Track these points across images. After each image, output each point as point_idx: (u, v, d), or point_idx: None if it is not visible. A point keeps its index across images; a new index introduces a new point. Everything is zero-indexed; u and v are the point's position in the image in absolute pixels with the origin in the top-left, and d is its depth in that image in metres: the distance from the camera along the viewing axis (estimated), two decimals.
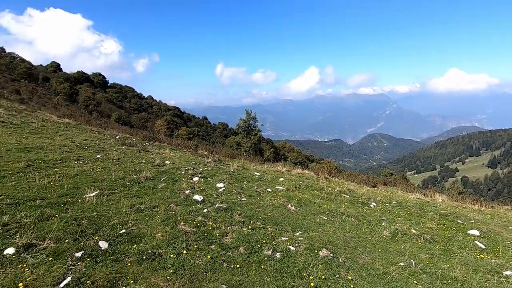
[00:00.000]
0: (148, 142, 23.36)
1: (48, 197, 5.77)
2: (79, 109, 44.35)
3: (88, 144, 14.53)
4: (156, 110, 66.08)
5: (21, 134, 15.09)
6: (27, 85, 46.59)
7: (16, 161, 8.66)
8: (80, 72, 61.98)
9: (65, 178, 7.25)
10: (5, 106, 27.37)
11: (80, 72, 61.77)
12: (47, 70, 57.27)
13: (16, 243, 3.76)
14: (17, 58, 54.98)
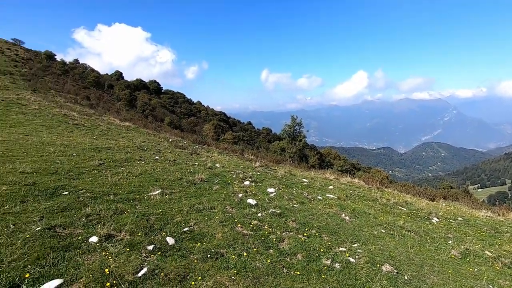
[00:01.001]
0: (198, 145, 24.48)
1: (119, 193, 6.38)
2: (137, 113, 48.52)
3: (147, 146, 15.77)
4: (204, 115, 69.27)
5: (91, 136, 16.99)
6: (95, 92, 52.46)
7: (90, 159, 9.76)
8: (139, 79, 67.91)
9: (131, 176, 7.95)
10: (78, 110, 31.06)
11: (138, 79, 67.71)
12: (112, 79, 63.86)
13: (98, 233, 4.22)
14: (88, 69, 62.32)
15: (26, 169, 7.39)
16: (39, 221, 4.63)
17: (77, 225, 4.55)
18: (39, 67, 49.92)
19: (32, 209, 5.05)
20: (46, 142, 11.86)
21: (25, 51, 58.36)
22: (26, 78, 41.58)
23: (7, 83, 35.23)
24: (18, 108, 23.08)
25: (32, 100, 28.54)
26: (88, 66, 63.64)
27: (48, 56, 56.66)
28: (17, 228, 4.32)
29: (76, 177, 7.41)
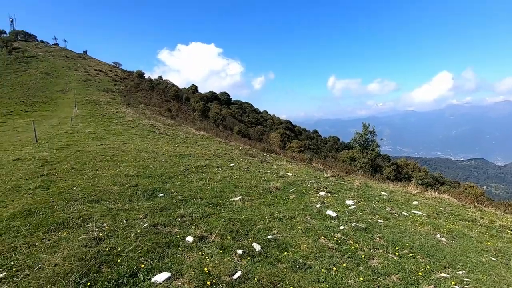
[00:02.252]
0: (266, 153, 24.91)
1: (204, 197, 6.90)
2: (209, 123, 52.36)
3: (221, 153, 16.79)
4: (270, 123, 70.65)
5: (174, 143, 18.92)
6: (175, 104, 58.64)
7: (176, 165, 10.85)
8: (211, 92, 73.47)
9: (212, 182, 8.54)
10: (161, 121, 35.00)
11: (210, 92, 73.29)
12: (188, 92, 70.63)
13: (193, 234, 4.61)
14: (169, 84, 70.26)
15: (129, 172, 8.62)
16: (144, 218, 5.31)
17: (174, 225, 5.06)
18: (132, 85, 58.36)
19: (138, 208, 5.84)
20: (140, 149, 13.65)
21: (122, 72, 69.20)
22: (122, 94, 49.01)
23: (109, 99, 42.09)
24: (117, 120, 27.25)
25: (127, 113, 33.43)
26: (170, 81, 71.71)
27: (138, 75, 65.93)
28: (129, 223, 5.03)
29: (167, 180, 8.31)
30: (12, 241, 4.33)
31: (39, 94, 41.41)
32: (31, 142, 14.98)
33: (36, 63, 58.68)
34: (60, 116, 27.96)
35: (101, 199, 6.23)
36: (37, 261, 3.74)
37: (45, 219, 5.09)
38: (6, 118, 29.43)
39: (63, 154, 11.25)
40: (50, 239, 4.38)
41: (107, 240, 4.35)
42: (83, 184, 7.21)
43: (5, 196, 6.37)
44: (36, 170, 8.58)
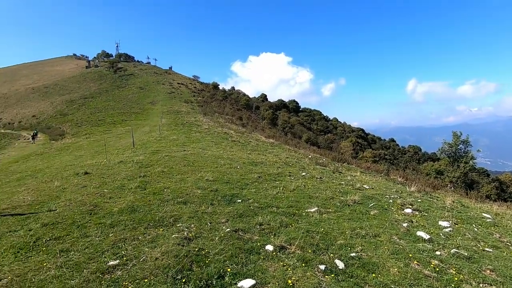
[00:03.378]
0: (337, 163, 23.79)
1: (280, 206, 6.92)
2: (278, 131, 53.03)
3: (291, 162, 16.71)
4: (341, 131, 67.64)
5: (246, 151, 19.66)
6: (246, 112, 61.33)
7: (250, 172, 11.21)
8: (280, 100, 74.55)
9: (286, 191, 8.53)
10: (234, 129, 36.88)
11: (279, 100, 74.39)
12: (258, 101, 73.13)
13: (273, 243, 4.64)
14: (241, 94, 74.04)
15: (209, 178, 9.28)
16: (226, 222, 5.60)
17: (253, 232, 5.19)
18: (208, 96, 63.42)
19: (219, 212, 6.20)
20: (217, 156, 14.60)
21: (200, 84, 75.95)
22: (200, 104, 53.62)
23: (189, 109, 46.51)
24: (196, 128, 29.82)
25: (204, 121, 36.35)
26: (241, 91, 75.56)
27: (214, 86, 71.33)
28: (213, 227, 5.38)
29: (243, 187, 8.65)
30: (121, 233, 5.07)
31: (134, 106, 48.48)
32: (130, 147, 17.53)
33: (133, 79, 69.10)
34: (150, 125, 32.10)
35: (188, 201, 6.84)
36: (141, 254, 4.28)
37: (145, 216, 5.83)
38: (111, 126, 35.29)
39: (154, 158, 12.82)
40: (150, 235, 4.98)
41: (195, 241, 4.72)
42: (172, 186, 8.05)
43: (114, 193, 7.56)
44: (135, 172, 9.97)
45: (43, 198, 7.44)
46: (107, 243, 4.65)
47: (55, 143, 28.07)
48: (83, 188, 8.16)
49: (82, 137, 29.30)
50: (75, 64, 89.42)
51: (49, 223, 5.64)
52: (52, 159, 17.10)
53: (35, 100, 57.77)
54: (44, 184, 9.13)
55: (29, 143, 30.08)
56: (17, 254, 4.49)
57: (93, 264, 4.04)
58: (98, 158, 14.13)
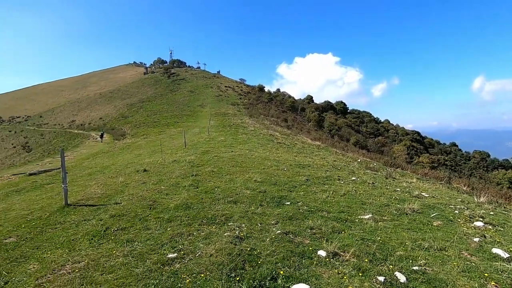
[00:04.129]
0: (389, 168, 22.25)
1: (331, 211, 6.68)
2: (324, 133, 51.60)
3: (339, 165, 16.07)
4: (393, 134, 63.21)
5: (292, 153, 19.47)
6: (291, 114, 60.92)
7: (298, 174, 11.06)
8: (326, 101, 72.52)
9: (337, 195, 8.21)
10: (279, 131, 36.85)
11: (326, 101, 72.38)
12: (304, 102, 72.12)
13: (325, 248, 4.48)
14: (286, 95, 73.81)
15: (257, 179, 9.38)
16: (276, 224, 5.58)
17: (304, 236, 5.09)
18: (254, 98, 64.48)
19: (269, 213, 6.22)
20: (264, 157, 14.70)
21: (246, 87, 77.66)
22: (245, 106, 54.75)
23: (235, 111, 47.78)
24: (242, 130, 30.46)
25: (249, 123, 36.99)
26: (286, 93, 75.32)
27: (259, 89, 72.25)
28: (263, 228, 5.40)
29: (291, 189, 8.56)
30: (178, 228, 5.37)
31: (185, 109, 51.46)
32: (182, 147, 18.61)
33: (184, 84, 73.46)
34: (199, 126, 33.73)
35: (238, 201, 6.99)
36: (197, 249, 4.48)
37: (198, 213, 6.10)
38: (165, 128, 37.93)
39: (204, 158, 13.41)
40: (204, 231, 5.19)
41: (247, 240, 4.78)
42: (222, 186, 8.32)
43: (170, 190, 8.07)
44: (188, 171, 10.53)
45: (110, 192, 8.27)
46: (165, 237, 4.96)
47: (118, 142, 31.12)
48: (143, 184, 8.87)
49: (140, 138, 31.99)
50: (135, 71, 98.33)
51: (116, 214, 6.24)
52: (116, 157, 18.97)
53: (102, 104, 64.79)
54: (111, 179, 10.15)
55: (97, 142, 33.84)
56: (91, 240, 5.04)
57: (154, 255, 4.34)
58: (154, 157, 15.27)
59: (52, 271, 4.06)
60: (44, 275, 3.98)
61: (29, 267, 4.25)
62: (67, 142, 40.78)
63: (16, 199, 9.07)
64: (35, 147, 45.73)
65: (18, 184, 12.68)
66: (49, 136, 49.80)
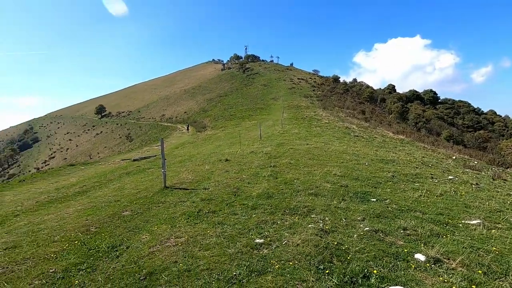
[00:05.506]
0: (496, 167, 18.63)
1: (426, 212, 5.96)
2: (408, 126, 46.27)
3: (430, 162, 14.20)
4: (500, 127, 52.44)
5: (372, 147, 18.07)
6: (369, 106, 56.50)
7: (381, 170, 10.21)
8: (412, 91, 64.63)
9: (432, 195, 7.27)
10: (356, 123, 34.63)
11: (411, 91, 64.53)
12: (384, 92, 65.89)
13: (424, 252, 4.03)
14: (364, 85, 68.65)
15: (336, 173, 9.03)
16: (362, 221, 5.28)
17: (396, 236, 4.67)
18: (328, 89, 62.00)
19: (353, 209, 5.92)
20: (341, 151, 14.04)
21: (319, 78, 75.27)
22: (319, 98, 53.11)
23: (308, 104, 46.84)
24: (316, 122, 29.68)
25: (323, 115, 35.79)
26: (364, 83, 70.06)
27: (334, 80, 69.04)
28: (348, 223, 5.17)
29: (375, 185, 7.96)
30: (261, 215, 5.59)
31: (259, 102, 52.93)
32: (257, 139, 19.25)
33: (258, 78, 75.49)
34: (273, 119, 34.27)
35: (318, 194, 6.87)
36: (282, 237, 4.58)
37: (280, 203, 6.23)
38: (240, 121, 39.84)
39: (280, 150, 13.58)
40: (287, 221, 5.28)
41: (332, 234, 4.66)
42: (301, 178, 8.29)
43: (251, 179, 8.45)
44: (265, 162, 10.85)
45: (198, 178, 9.15)
46: (252, 222, 5.23)
47: (200, 134, 34.19)
48: (226, 173, 9.52)
49: (219, 130, 34.40)
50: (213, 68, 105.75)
51: (205, 198, 6.87)
52: (200, 147, 20.87)
53: (186, 99, 71.90)
54: (198, 166, 11.22)
55: (183, 133, 37.86)
56: (188, 219, 5.67)
57: (243, 239, 4.61)
58: (233, 148, 16.22)
59: (160, 242, 4.72)
60: (154, 245, 4.66)
61: (142, 237, 5.04)
62: (159, 133, 46.81)
63: (127, 180, 10.87)
64: (135, 137, 53.95)
65: (126, 167, 15.18)
66: (145, 128, 58.00)
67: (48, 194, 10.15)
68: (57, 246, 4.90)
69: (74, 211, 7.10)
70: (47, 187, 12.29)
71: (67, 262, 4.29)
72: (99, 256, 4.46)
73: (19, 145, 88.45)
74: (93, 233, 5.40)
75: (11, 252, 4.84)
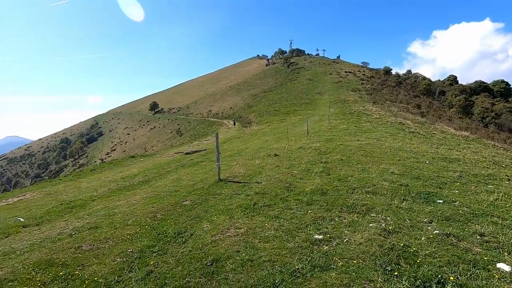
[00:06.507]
0: None
1: (506, 217, 5.31)
2: (473, 121, 41.47)
3: (504, 162, 12.59)
4: None
5: (430, 144, 16.60)
6: (425, 100, 51.85)
7: (445, 169, 9.34)
8: (478, 82, 57.57)
9: (509, 199, 6.47)
10: (410, 119, 32.11)
11: (477, 82, 57.48)
12: (443, 84, 59.78)
13: (510, 262, 3.61)
14: (419, 77, 63.08)
15: (394, 171, 8.51)
16: (429, 223, 4.91)
17: (472, 242, 4.26)
18: (378, 82, 58.32)
19: (418, 210, 5.53)
20: (396, 148, 13.16)
21: (369, 71, 71.13)
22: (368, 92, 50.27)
23: (356, 98, 44.67)
24: (365, 117, 28.21)
25: (373, 110, 33.82)
26: (420, 74, 64.40)
27: (385, 72, 64.66)
28: (413, 224, 4.86)
29: (440, 186, 7.32)
30: (318, 212, 5.53)
31: (304, 97, 51.97)
32: (304, 134, 18.97)
33: (303, 72, 74.05)
34: (319, 114, 33.41)
35: (376, 192, 6.55)
36: (342, 235, 4.49)
37: (336, 200, 6.09)
38: (285, 116, 39.61)
39: (330, 146, 13.21)
40: (345, 218, 5.15)
41: (396, 235, 4.43)
42: (356, 175, 7.98)
43: (303, 175, 8.40)
44: (316, 158, 10.66)
45: (250, 172, 9.37)
46: (308, 218, 5.21)
47: (245, 129, 34.86)
48: (277, 168, 9.59)
49: (265, 125, 34.67)
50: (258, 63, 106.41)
51: (259, 192, 7.02)
52: (247, 142, 21.30)
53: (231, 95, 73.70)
54: (248, 161, 11.49)
55: (229, 129, 38.99)
56: (244, 212, 5.86)
57: (302, 233, 4.63)
58: (280, 143, 16.23)
59: (221, 232, 4.97)
60: (216, 233, 4.92)
61: (204, 226, 5.35)
62: (207, 128, 48.86)
63: (183, 172, 11.60)
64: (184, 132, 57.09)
65: (180, 160, 16.19)
66: (194, 123, 60.99)
67: (117, 183, 11.31)
68: (131, 229, 5.46)
69: (140, 199, 7.81)
70: (114, 176, 13.70)
71: (141, 244, 4.76)
72: (168, 240, 4.86)
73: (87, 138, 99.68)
74: (160, 220, 5.89)
75: (94, 232, 5.52)
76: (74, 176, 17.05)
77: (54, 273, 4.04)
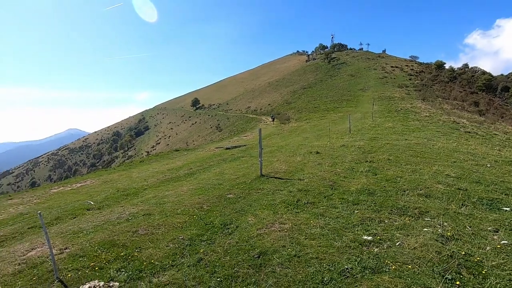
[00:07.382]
0: None
1: None
2: None
3: None
4: None
5: (491, 146, 15.00)
6: (484, 96, 46.77)
7: (511, 174, 8.39)
8: None
9: None
10: (466, 117, 29.29)
11: None
12: (508, 79, 53.28)
13: None
14: (478, 71, 56.96)
15: (450, 173, 7.84)
16: (495, 232, 4.47)
17: None
18: (428, 78, 53.92)
19: (480, 217, 5.05)
20: (450, 149, 12.11)
21: (418, 65, 66.06)
22: (417, 88, 46.76)
23: (403, 94, 41.85)
24: (413, 115, 26.32)
25: (422, 108, 31.40)
26: (478, 69, 58.16)
27: (437, 66, 59.54)
28: (475, 232, 4.45)
29: (505, 192, 6.58)
30: (365, 212, 5.33)
31: (345, 93, 50.05)
32: (346, 132, 18.30)
33: (345, 67, 71.28)
34: (361, 111, 31.96)
35: (430, 195, 6.12)
36: (394, 238, 4.28)
37: (385, 201, 5.81)
38: (325, 113, 38.58)
39: (375, 145, 12.59)
40: (396, 221, 4.89)
41: (455, 242, 4.10)
42: (406, 177, 7.52)
43: (347, 174, 8.14)
44: (360, 157, 10.25)
45: (291, 169, 9.33)
46: (355, 218, 5.05)
47: (284, 126, 34.67)
48: (319, 165, 9.41)
49: (304, 122, 34.16)
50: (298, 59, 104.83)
51: (302, 189, 6.97)
52: (287, 138, 21.20)
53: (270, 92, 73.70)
54: (289, 157, 11.44)
55: (267, 125, 39.13)
56: (288, 208, 5.87)
57: (349, 233, 4.50)
58: (321, 141, 15.87)
59: (266, 226, 5.04)
60: (261, 227, 5.00)
61: (248, 219, 5.47)
62: (245, 124, 49.56)
63: (225, 166, 11.94)
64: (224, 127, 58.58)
65: (221, 155, 16.66)
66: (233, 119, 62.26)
67: (164, 174, 12.04)
68: (180, 218, 5.79)
69: (187, 190, 8.23)
70: (161, 168, 14.59)
71: (191, 233, 5.02)
72: (215, 231, 5.06)
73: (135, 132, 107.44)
74: (206, 211, 6.15)
75: (148, 218, 5.96)
76: (126, 166, 18.51)
77: (116, 253, 4.45)
